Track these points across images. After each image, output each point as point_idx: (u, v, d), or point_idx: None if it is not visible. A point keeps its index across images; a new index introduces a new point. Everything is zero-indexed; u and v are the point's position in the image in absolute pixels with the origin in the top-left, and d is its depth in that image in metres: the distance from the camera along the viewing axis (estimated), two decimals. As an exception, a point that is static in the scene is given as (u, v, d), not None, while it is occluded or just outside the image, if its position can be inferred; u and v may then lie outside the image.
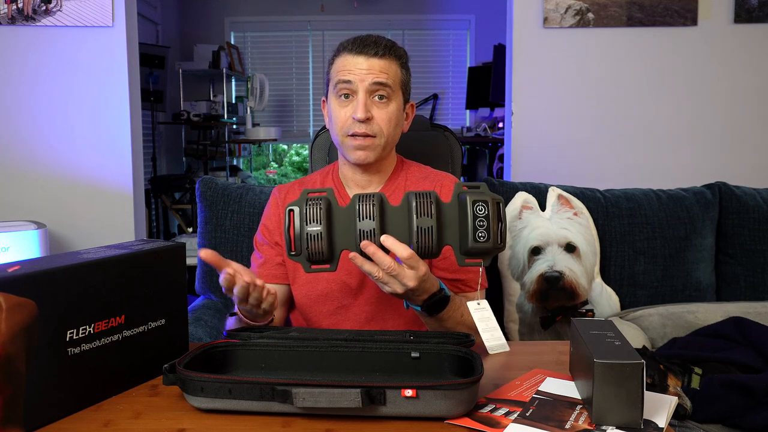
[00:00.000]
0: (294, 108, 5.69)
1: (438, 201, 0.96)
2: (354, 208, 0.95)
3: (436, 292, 1.05)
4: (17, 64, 2.33)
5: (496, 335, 1.05)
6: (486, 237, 0.94)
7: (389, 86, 1.19)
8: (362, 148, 1.20)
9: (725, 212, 1.86)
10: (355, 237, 0.95)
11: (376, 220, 0.94)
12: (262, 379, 0.77)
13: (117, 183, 2.38)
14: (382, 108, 1.19)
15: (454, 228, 0.96)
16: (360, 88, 1.18)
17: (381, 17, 5.51)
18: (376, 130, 1.19)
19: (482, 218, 0.94)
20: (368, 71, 1.18)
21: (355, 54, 1.19)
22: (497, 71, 4.11)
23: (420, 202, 0.95)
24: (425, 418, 0.76)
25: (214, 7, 5.53)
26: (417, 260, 0.96)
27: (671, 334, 1.59)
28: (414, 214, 0.95)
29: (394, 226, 0.96)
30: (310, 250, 0.94)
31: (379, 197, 0.96)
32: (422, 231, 0.94)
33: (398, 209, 0.97)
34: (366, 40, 1.21)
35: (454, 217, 0.97)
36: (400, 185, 1.29)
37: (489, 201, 0.94)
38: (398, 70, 1.22)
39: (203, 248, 0.98)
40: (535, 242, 1.71)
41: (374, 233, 0.94)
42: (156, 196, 4.51)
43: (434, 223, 0.94)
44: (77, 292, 0.79)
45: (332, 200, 0.96)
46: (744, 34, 2.36)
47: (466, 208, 0.95)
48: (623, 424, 0.74)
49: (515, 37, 2.37)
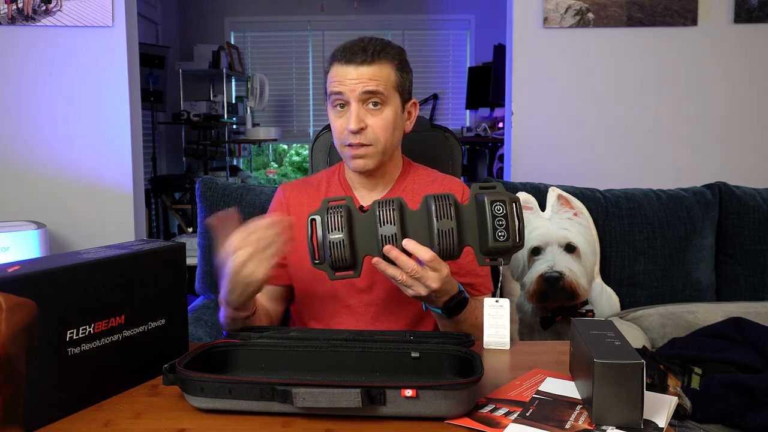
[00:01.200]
0: (294, 108, 5.69)
1: (456, 203, 0.98)
2: (374, 214, 0.97)
3: (456, 294, 1.07)
4: (17, 64, 2.33)
5: (500, 333, 1.05)
6: (506, 236, 0.95)
7: (381, 93, 1.17)
8: (360, 157, 1.20)
9: (725, 212, 1.86)
10: (377, 242, 0.97)
11: (396, 224, 0.96)
12: (262, 379, 0.77)
13: (117, 183, 2.38)
14: (376, 115, 1.18)
15: (473, 229, 0.98)
16: (351, 98, 1.17)
17: (381, 17, 5.51)
18: (371, 138, 1.19)
19: (501, 218, 0.95)
20: (357, 81, 1.16)
21: (344, 63, 1.17)
22: (497, 71, 4.12)
23: (439, 204, 0.97)
24: (425, 418, 0.76)
25: (214, 7, 5.53)
26: (439, 262, 0.98)
27: (671, 334, 1.59)
28: (434, 217, 0.96)
29: (415, 229, 0.98)
30: (333, 258, 0.97)
31: (398, 202, 0.98)
32: (443, 233, 0.96)
33: (418, 213, 0.99)
34: (353, 47, 1.18)
35: (472, 218, 0.98)
36: (408, 188, 1.29)
37: (507, 200, 0.96)
38: (391, 72, 1.19)
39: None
40: (535, 242, 1.71)
41: (396, 237, 0.96)
42: (156, 196, 4.51)
43: (455, 225, 0.96)
44: (77, 292, 0.79)
45: (352, 207, 0.99)
46: (744, 34, 2.36)
47: (484, 208, 0.96)
48: (623, 424, 0.74)
49: (515, 37, 2.37)
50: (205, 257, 1.73)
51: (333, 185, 1.32)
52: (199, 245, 1.74)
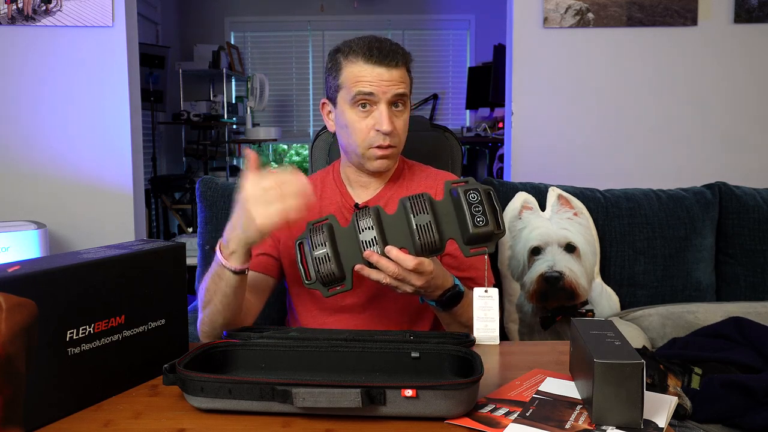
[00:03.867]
0: (294, 108, 5.69)
1: (431, 199, 1.00)
2: (354, 224, 1.00)
3: (450, 288, 1.07)
4: (17, 64, 2.33)
5: (490, 326, 1.06)
6: (484, 221, 0.97)
7: (407, 96, 1.21)
8: (385, 158, 1.22)
9: (725, 212, 1.86)
10: (360, 251, 0.99)
11: (375, 229, 0.98)
12: (262, 379, 0.77)
13: (117, 183, 2.38)
14: (399, 117, 1.21)
15: (453, 222, 0.99)
16: (382, 100, 1.17)
17: (381, 17, 5.51)
18: (396, 140, 1.21)
19: (477, 204, 0.97)
20: (389, 83, 1.17)
21: (374, 64, 1.16)
22: (497, 71, 4.12)
23: (414, 202, 0.99)
24: (425, 418, 0.76)
25: (214, 7, 5.53)
26: (423, 266, 0.98)
27: (671, 334, 1.59)
28: (411, 213, 0.99)
29: (395, 231, 1.00)
30: (322, 274, 0.99)
31: (375, 209, 1.01)
32: (422, 228, 0.98)
33: (395, 216, 1.01)
34: (382, 48, 1.17)
35: (449, 212, 1.00)
36: (403, 185, 1.30)
37: (479, 188, 0.99)
38: (407, 76, 1.22)
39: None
40: (535, 242, 1.71)
41: (376, 241, 0.98)
42: (156, 196, 4.52)
43: (431, 217, 0.98)
44: (77, 292, 0.79)
45: (335, 224, 1.01)
46: (744, 34, 2.36)
47: (459, 199, 0.98)
48: (623, 424, 0.73)
49: (515, 37, 2.37)
50: (205, 257, 1.73)
51: (328, 185, 1.32)
52: (199, 245, 1.74)
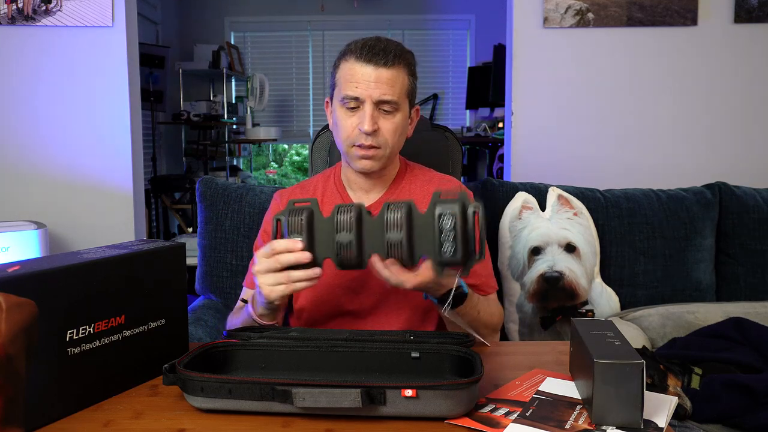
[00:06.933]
0: (294, 108, 5.69)
1: (411, 212, 0.93)
2: (333, 219, 0.95)
3: (454, 287, 1.06)
4: (17, 64, 2.33)
5: None
6: (452, 251, 0.90)
7: (395, 102, 1.18)
8: (368, 158, 1.20)
9: (725, 212, 1.86)
10: (334, 248, 0.95)
11: (353, 232, 0.94)
12: (262, 379, 0.77)
13: (117, 183, 2.38)
14: (388, 119, 1.19)
15: (429, 241, 0.93)
16: (367, 101, 1.17)
17: (381, 17, 5.51)
18: (381, 141, 1.19)
19: (448, 231, 0.91)
20: (376, 84, 1.16)
21: (363, 62, 1.16)
22: (497, 71, 4.11)
23: (391, 216, 0.93)
24: (425, 418, 0.76)
25: (214, 7, 5.53)
26: (425, 283, 0.97)
27: (671, 334, 1.59)
28: (384, 227, 0.93)
29: (372, 238, 0.95)
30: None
31: (357, 209, 0.95)
32: (391, 245, 0.93)
33: (376, 221, 0.95)
34: (375, 47, 1.17)
35: (428, 229, 0.93)
36: (404, 189, 1.29)
37: (457, 213, 0.90)
38: (405, 78, 1.20)
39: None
40: (535, 242, 1.71)
41: (351, 245, 0.94)
42: (156, 196, 4.52)
43: (403, 236, 0.92)
44: (77, 292, 0.79)
45: (315, 210, 0.96)
46: (744, 34, 2.36)
47: (433, 221, 0.92)
48: (623, 424, 0.74)
49: (515, 37, 2.37)
50: (205, 257, 1.73)
51: (329, 189, 1.31)
52: (199, 245, 1.74)
